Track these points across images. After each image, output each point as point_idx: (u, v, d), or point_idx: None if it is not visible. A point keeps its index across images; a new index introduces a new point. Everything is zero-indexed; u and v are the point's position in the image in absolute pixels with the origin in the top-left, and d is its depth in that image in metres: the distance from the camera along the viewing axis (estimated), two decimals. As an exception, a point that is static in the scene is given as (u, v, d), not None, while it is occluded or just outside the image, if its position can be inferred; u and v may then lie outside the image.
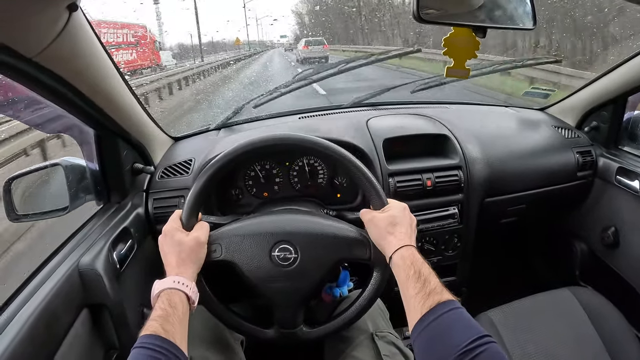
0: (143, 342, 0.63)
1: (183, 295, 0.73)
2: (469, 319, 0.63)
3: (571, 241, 1.56)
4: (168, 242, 0.81)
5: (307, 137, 0.89)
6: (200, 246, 0.81)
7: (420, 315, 0.64)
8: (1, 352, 0.64)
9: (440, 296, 0.65)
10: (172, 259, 0.79)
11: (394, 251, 0.75)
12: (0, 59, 0.65)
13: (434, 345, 0.62)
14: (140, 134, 1.16)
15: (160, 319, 0.67)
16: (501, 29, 0.92)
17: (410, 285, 0.69)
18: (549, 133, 1.45)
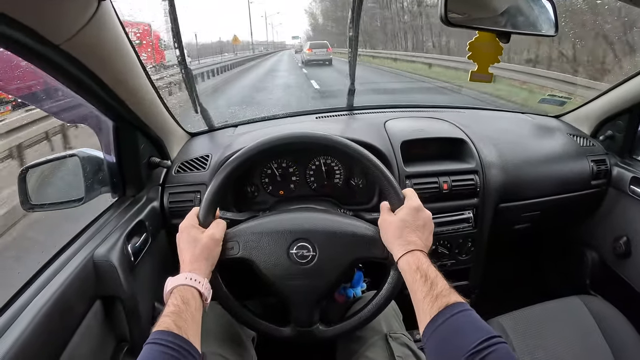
0: (155, 338, 0.63)
1: (195, 292, 0.73)
2: (478, 320, 0.63)
3: (582, 249, 1.55)
4: (184, 238, 0.81)
5: (325, 136, 0.89)
6: (215, 243, 0.82)
7: (429, 318, 0.64)
8: (14, 340, 0.64)
9: (447, 298, 0.65)
10: (186, 256, 0.79)
11: (399, 257, 0.76)
12: (27, 43, 0.65)
13: (444, 347, 0.62)
14: (158, 127, 1.16)
15: (173, 315, 0.67)
16: (524, 34, 0.93)
17: (418, 289, 0.69)
18: (564, 141, 1.45)
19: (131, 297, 0.92)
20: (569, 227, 1.61)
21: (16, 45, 0.65)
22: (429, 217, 0.83)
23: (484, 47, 0.84)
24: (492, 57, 0.85)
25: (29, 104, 0.96)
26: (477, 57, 0.85)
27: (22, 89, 0.88)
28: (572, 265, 1.63)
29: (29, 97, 0.92)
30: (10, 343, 0.63)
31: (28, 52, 0.67)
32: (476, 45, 0.85)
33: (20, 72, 0.81)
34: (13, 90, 0.89)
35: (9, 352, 0.62)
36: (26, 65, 0.74)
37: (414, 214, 0.81)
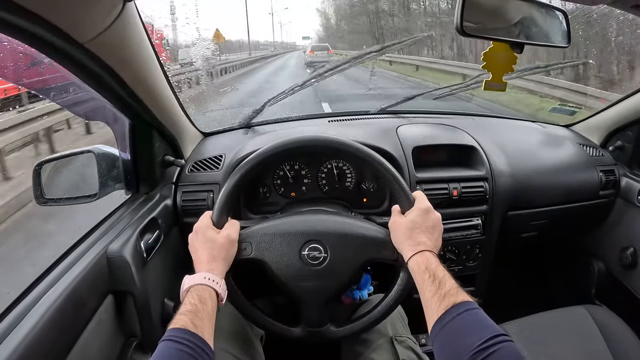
0: (172, 335, 0.64)
1: (213, 292, 0.75)
2: (485, 319, 0.64)
3: (589, 259, 1.55)
4: (200, 238, 0.82)
5: (338, 139, 0.91)
6: (231, 244, 0.83)
7: (436, 317, 0.66)
8: (26, 332, 0.64)
9: (455, 297, 0.66)
10: (203, 256, 0.80)
11: (409, 257, 0.78)
12: (53, 42, 0.66)
13: (450, 345, 0.63)
14: (173, 126, 1.17)
15: (190, 313, 0.68)
16: (537, 45, 0.94)
17: (426, 288, 0.71)
18: (574, 150, 1.45)
19: (142, 292, 0.92)
20: (576, 237, 1.61)
21: (41, 43, 0.66)
22: (439, 219, 0.84)
23: (499, 57, 0.86)
24: (506, 67, 0.87)
25: (49, 99, 0.97)
26: (491, 67, 0.87)
27: (44, 84, 0.90)
28: (577, 274, 1.63)
29: (48, 92, 0.93)
30: (22, 335, 0.64)
31: (52, 50, 0.69)
32: (491, 55, 0.86)
33: (43, 68, 0.83)
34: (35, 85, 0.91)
35: (21, 344, 0.63)
36: (49, 62, 0.75)
37: (424, 216, 0.82)
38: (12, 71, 0.85)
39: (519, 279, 1.82)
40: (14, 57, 0.80)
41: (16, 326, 0.66)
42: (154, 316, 0.97)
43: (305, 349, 1.17)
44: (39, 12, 0.59)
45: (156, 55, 0.96)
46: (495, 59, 0.86)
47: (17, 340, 0.63)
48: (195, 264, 0.81)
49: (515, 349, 0.58)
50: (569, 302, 1.20)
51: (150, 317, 0.96)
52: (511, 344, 0.58)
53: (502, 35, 0.87)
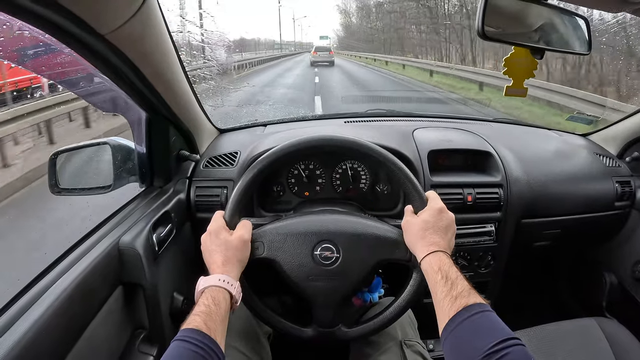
0: (184, 336, 0.64)
1: (227, 294, 0.74)
2: (497, 321, 0.63)
3: (601, 271, 1.53)
4: (213, 240, 0.82)
5: (353, 139, 0.91)
6: (244, 245, 0.83)
7: (447, 319, 0.65)
8: (35, 318, 0.65)
9: (467, 299, 0.66)
10: (217, 258, 0.79)
11: (422, 258, 0.77)
12: (74, 32, 0.67)
13: (460, 347, 0.62)
14: (190, 122, 1.18)
15: (204, 314, 0.68)
16: (557, 52, 0.93)
17: (438, 289, 0.70)
18: (590, 160, 1.43)
19: (152, 285, 0.93)
20: (589, 248, 1.60)
21: (63, 33, 0.67)
22: (452, 219, 0.83)
23: (519, 62, 0.85)
24: (527, 73, 0.87)
25: (69, 90, 0.98)
26: (512, 72, 0.86)
27: (64, 75, 0.91)
28: (589, 286, 1.61)
29: (68, 83, 0.94)
30: (32, 321, 0.64)
31: (74, 40, 0.69)
32: (512, 61, 0.86)
33: (64, 59, 0.84)
34: (55, 75, 0.92)
35: (30, 330, 0.63)
36: (69, 53, 0.76)
37: (437, 215, 0.82)
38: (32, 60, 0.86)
39: (530, 288, 1.80)
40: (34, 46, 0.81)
41: (26, 312, 0.66)
42: (162, 309, 0.97)
43: (312, 348, 1.17)
44: (62, 2, 0.60)
45: (176, 50, 0.96)
46: (516, 65, 0.86)
47: (26, 325, 0.64)
48: (209, 266, 0.81)
49: (526, 352, 0.58)
50: (579, 313, 1.19)
51: (159, 310, 0.96)
52: (522, 348, 0.58)
53: (522, 40, 0.87)
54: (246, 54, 26.10)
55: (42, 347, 0.65)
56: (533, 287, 1.82)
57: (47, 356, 0.66)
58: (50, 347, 0.67)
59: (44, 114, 4.60)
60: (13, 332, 0.62)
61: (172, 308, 1.02)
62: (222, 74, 6.82)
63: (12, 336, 0.62)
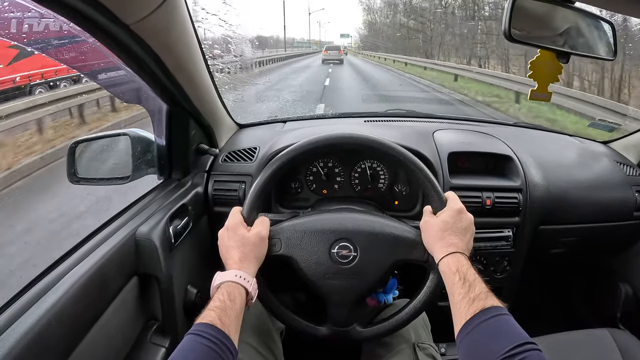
0: (199, 330, 0.64)
1: (243, 290, 0.74)
2: (514, 325, 0.62)
3: (616, 281, 1.51)
4: (231, 236, 0.82)
5: (373, 137, 0.90)
6: (262, 241, 0.83)
7: (464, 321, 0.64)
8: (51, 305, 0.66)
9: (484, 302, 0.65)
10: (235, 254, 0.79)
11: (440, 259, 0.76)
12: (99, 21, 0.68)
13: (476, 350, 0.62)
14: (210, 116, 1.19)
15: (218, 310, 0.68)
16: (582, 56, 0.92)
17: (456, 291, 0.69)
18: (611, 168, 1.41)
19: (167, 277, 0.93)
20: (605, 257, 1.57)
21: (88, 22, 0.68)
22: (471, 220, 0.83)
23: (545, 66, 0.85)
24: (551, 77, 0.86)
25: (92, 81, 0.99)
26: (537, 76, 0.86)
27: (87, 65, 0.92)
28: (603, 296, 1.58)
29: (92, 74, 0.95)
30: (47, 307, 0.65)
31: (98, 30, 0.70)
32: (537, 64, 0.85)
33: (87, 48, 0.85)
34: (78, 66, 0.93)
35: (45, 315, 0.64)
36: (93, 42, 0.77)
37: (456, 216, 0.81)
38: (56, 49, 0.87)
39: (543, 295, 1.77)
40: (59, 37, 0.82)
41: (41, 297, 0.67)
42: (176, 302, 0.98)
43: (324, 347, 1.16)
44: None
45: (199, 43, 0.97)
46: (541, 68, 0.85)
47: (41, 311, 0.64)
48: (225, 261, 0.81)
49: (542, 357, 0.57)
50: (592, 323, 1.17)
51: (173, 302, 0.96)
52: (539, 353, 0.57)
53: (547, 43, 0.86)
54: (266, 52, 27.07)
55: (56, 333, 0.65)
56: (547, 295, 1.79)
57: (60, 342, 0.67)
58: (64, 334, 0.67)
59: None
60: (28, 317, 0.63)
61: (185, 301, 1.03)
62: (244, 70, 6.96)
63: (27, 321, 0.62)
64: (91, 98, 5.43)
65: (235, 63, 4.08)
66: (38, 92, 5.24)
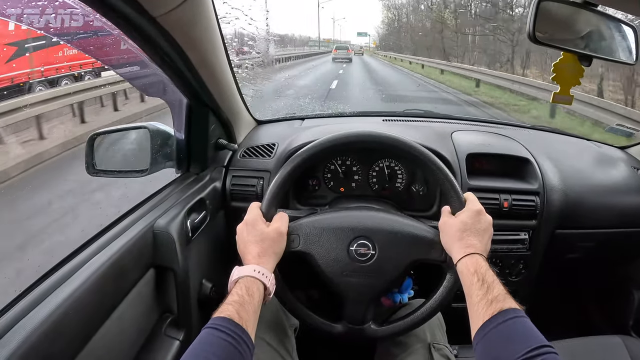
0: (216, 324, 0.64)
1: (261, 286, 0.74)
2: (531, 328, 0.62)
3: (631, 288, 1.50)
4: (250, 231, 0.82)
5: (393, 136, 0.91)
6: (281, 237, 0.83)
7: (481, 322, 0.64)
8: (68, 294, 0.66)
9: (502, 304, 0.65)
10: (253, 249, 0.79)
11: (459, 259, 0.76)
12: (126, 13, 0.68)
13: (493, 352, 0.62)
14: (230, 111, 1.19)
15: (237, 304, 0.68)
16: (603, 59, 0.93)
17: (474, 292, 0.69)
18: (628, 173, 1.40)
19: (184, 270, 0.94)
20: (621, 263, 1.56)
21: (115, 14, 0.68)
22: (490, 222, 0.82)
23: (567, 68, 0.85)
24: (574, 79, 0.86)
25: (116, 72, 1.00)
26: (560, 79, 0.86)
27: (112, 59, 0.93)
28: (617, 302, 1.57)
29: (116, 65, 0.96)
30: (64, 297, 0.66)
31: (124, 21, 0.71)
32: (560, 67, 0.85)
33: (112, 41, 0.86)
34: (103, 57, 0.94)
35: (62, 305, 0.65)
36: (118, 34, 0.77)
37: (475, 217, 0.81)
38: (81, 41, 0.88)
39: (557, 299, 1.76)
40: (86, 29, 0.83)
41: (59, 287, 0.68)
42: (191, 295, 0.98)
43: (338, 344, 1.17)
44: None
45: (223, 39, 0.98)
46: (564, 71, 0.85)
47: (58, 300, 0.65)
48: (243, 256, 0.81)
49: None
50: (605, 329, 1.16)
51: (188, 296, 0.97)
52: (555, 357, 0.57)
53: (569, 45, 0.86)
54: (285, 50, 27.70)
55: (73, 322, 0.66)
56: (560, 299, 1.78)
57: (76, 331, 0.67)
58: (80, 323, 0.68)
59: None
60: (45, 306, 0.64)
61: (200, 294, 1.03)
62: (265, 66, 7.12)
63: (44, 310, 0.63)
64: (93, 95, 5.65)
65: (258, 59, 4.18)
66: (38, 90, 5.34)
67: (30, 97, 4.62)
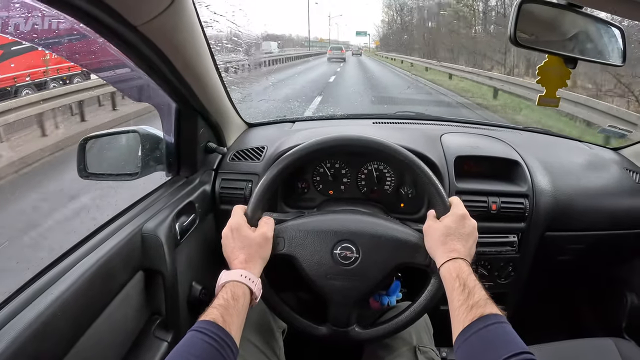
0: (201, 327, 0.65)
1: (247, 290, 0.75)
2: (511, 333, 0.63)
3: (622, 290, 1.49)
4: (236, 237, 0.82)
5: (379, 140, 0.91)
6: (267, 242, 0.83)
7: (462, 327, 0.65)
8: (56, 296, 0.67)
9: (483, 309, 0.65)
10: (240, 254, 0.80)
11: (442, 264, 0.76)
12: (108, 23, 0.69)
13: (473, 357, 0.62)
14: (219, 115, 1.20)
15: (222, 308, 0.69)
16: (590, 62, 0.92)
17: (455, 297, 0.70)
18: (620, 175, 1.39)
19: (172, 273, 0.94)
20: (612, 266, 1.55)
21: (97, 23, 0.69)
22: (474, 226, 0.82)
23: (553, 71, 0.85)
24: (560, 82, 0.86)
25: (102, 78, 1.01)
26: (545, 81, 0.86)
27: (97, 63, 0.94)
28: (608, 305, 1.57)
29: (101, 71, 0.97)
30: (52, 299, 0.66)
31: (107, 31, 0.71)
32: (545, 70, 0.85)
33: (97, 48, 0.86)
34: (88, 64, 0.95)
35: (50, 307, 0.65)
36: (103, 42, 0.78)
37: (459, 222, 0.81)
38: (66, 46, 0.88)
39: (548, 302, 1.75)
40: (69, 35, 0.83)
41: (47, 289, 0.68)
42: (180, 297, 0.99)
43: (325, 347, 1.17)
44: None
45: (207, 43, 0.98)
46: (549, 74, 0.85)
47: (47, 302, 0.66)
48: (229, 260, 0.81)
49: None
50: (597, 332, 1.16)
51: (177, 298, 0.98)
52: None
53: (555, 48, 0.86)
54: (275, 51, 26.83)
55: (61, 323, 0.67)
56: (551, 302, 1.78)
57: (64, 333, 0.68)
58: (68, 325, 0.69)
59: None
60: (34, 308, 0.64)
61: (190, 297, 1.04)
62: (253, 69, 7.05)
63: (33, 311, 0.64)
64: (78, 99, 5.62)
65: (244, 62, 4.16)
66: (25, 94, 5.30)
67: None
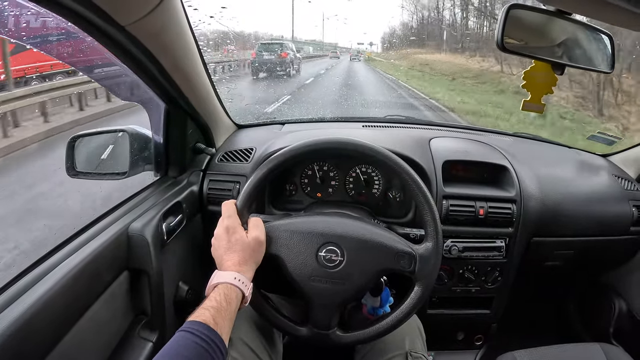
0: (191, 328, 0.64)
1: (240, 293, 0.75)
2: None
3: (611, 296, 1.49)
4: (230, 238, 0.81)
5: (368, 144, 0.90)
6: (260, 246, 0.83)
7: None
8: (40, 294, 0.67)
9: None
10: (234, 257, 0.79)
11: None
12: (96, 22, 0.69)
13: None
14: (208, 115, 1.20)
15: (213, 309, 0.68)
16: (579, 68, 0.92)
17: None
18: (609, 181, 1.40)
19: (158, 273, 0.94)
20: (600, 271, 1.56)
21: (85, 23, 0.69)
22: None
23: (539, 77, 0.85)
24: (546, 88, 0.86)
25: (90, 78, 1.00)
26: (531, 87, 0.86)
27: (84, 62, 0.93)
28: (597, 310, 1.57)
29: (89, 70, 0.97)
30: (37, 297, 0.66)
31: (95, 30, 0.72)
32: (531, 75, 0.85)
33: (85, 47, 0.86)
34: (77, 63, 0.95)
35: (34, 304, 0.65)
36: (91, 41, 0.78)
37: None
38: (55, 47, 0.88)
39: (536, 307, 1.76)
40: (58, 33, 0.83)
41: (32, 287, 0.68)
42: (166, 297, 0.99)
43: (324, 352, 1.16)
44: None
45: (196, 44, 0.98)
46: (535, 79, 0.85)
47: (31, 300, 0.66)
48: (221, 262, 0.80)
49: None
50: (585, 337, 1.16)
51: (162, 298, 0.98)
52: None
53: (543, 54, 0.86)
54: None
55: (44, 322, 0.67)
56: (540, 307, 1.78)
57: (47, 331, 0.68)
58: (52, 323, 0.69)
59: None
60: (17, 305, 0.64)
61: (176, 297, 1.04)
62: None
63: (16, 309, 0.64)
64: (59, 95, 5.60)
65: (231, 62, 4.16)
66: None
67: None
